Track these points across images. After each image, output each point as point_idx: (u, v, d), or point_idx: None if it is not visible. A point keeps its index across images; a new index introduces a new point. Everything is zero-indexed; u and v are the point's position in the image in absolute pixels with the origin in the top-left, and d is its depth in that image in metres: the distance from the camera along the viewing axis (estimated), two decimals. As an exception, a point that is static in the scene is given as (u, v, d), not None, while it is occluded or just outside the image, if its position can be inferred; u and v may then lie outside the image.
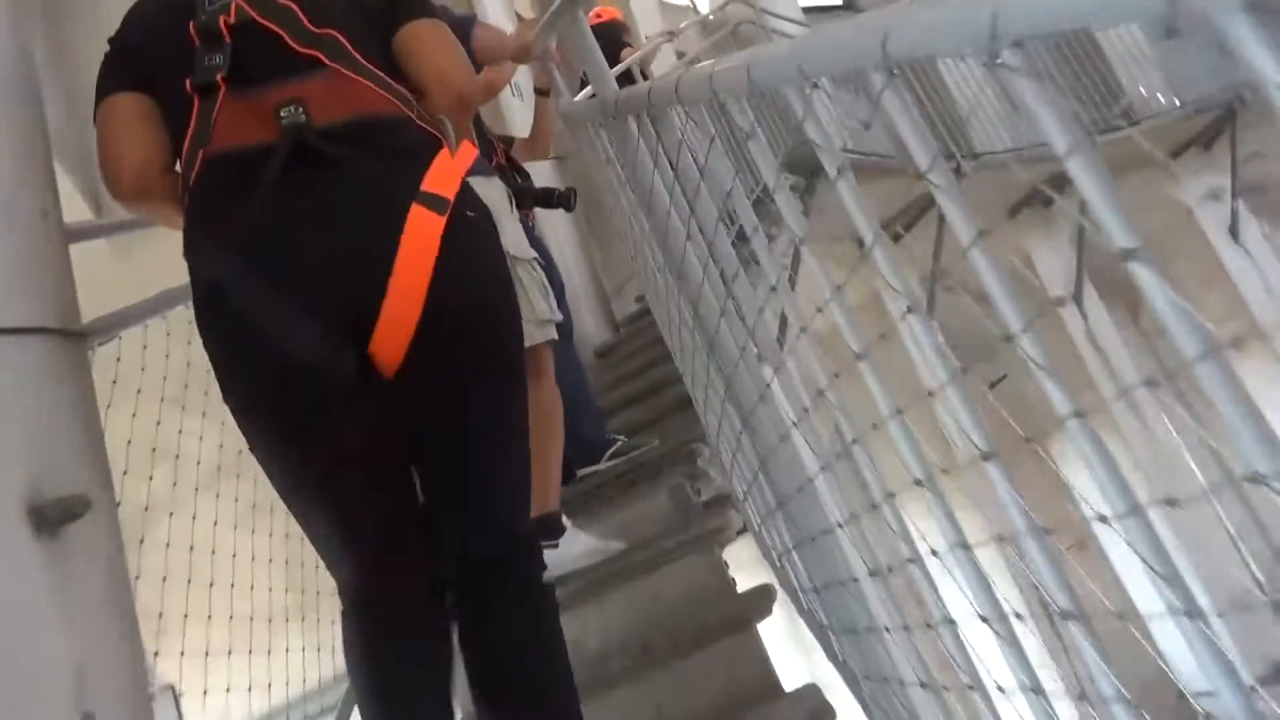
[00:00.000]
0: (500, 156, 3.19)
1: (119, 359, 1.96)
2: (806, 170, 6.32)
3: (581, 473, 3.16)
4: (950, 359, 0.79)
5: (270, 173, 1.25)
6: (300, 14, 1.35)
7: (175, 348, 2.16)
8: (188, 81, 1.32)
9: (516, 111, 5.13)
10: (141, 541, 1.90)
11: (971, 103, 9.10)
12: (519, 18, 7.12)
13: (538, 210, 3.35)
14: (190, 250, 1.33)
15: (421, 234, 1.24)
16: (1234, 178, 9.78)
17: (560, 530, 2.44)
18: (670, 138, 1.43)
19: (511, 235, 2.50)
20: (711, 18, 7.01)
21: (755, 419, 1.48)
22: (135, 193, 1.40)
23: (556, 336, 2.59)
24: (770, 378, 1.26)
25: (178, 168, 1.38)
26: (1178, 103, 9.81)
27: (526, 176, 3.32)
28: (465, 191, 1.34)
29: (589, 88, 3.27)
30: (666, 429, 3.37)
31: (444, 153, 1.36)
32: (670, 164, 1.64)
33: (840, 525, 1.16)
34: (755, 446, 1.56)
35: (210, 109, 1.30)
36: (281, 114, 1.27)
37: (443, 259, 1.24)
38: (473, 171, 2.56)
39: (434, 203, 1.27)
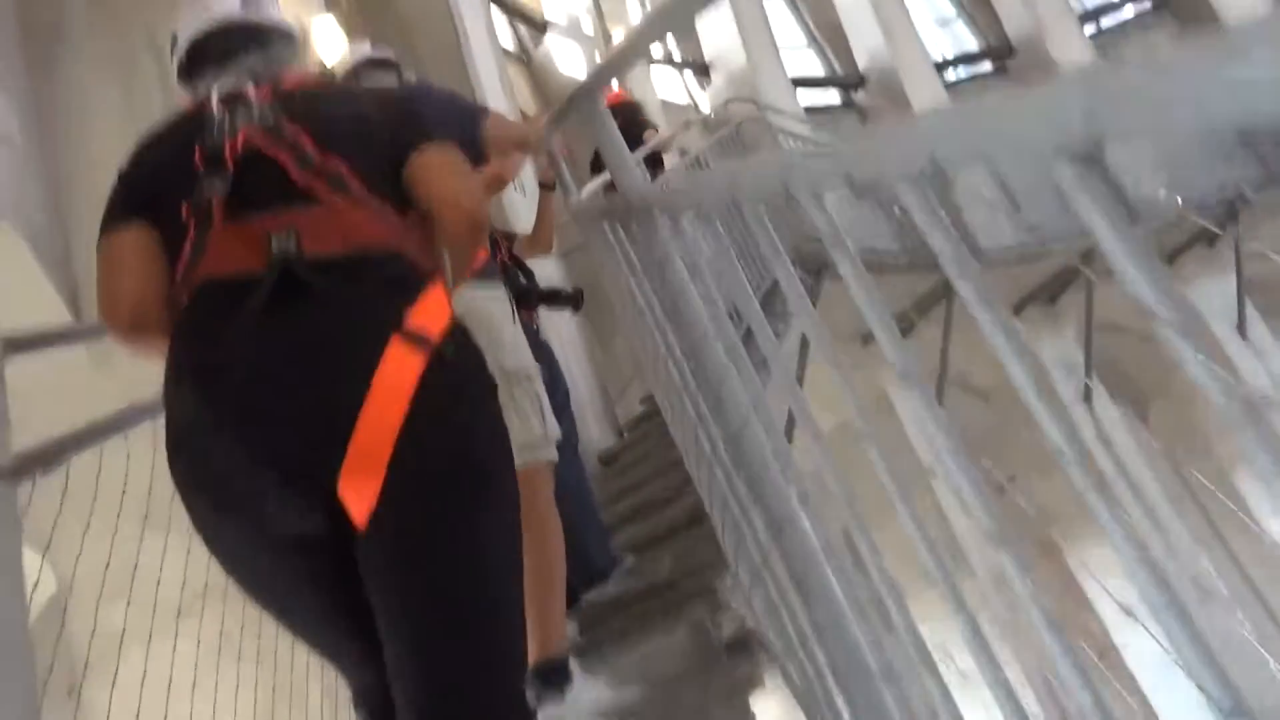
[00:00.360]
0: (504, 254, 3.04)
1: (65, 488, 1.71)
2: (813, 267, 6.18)
3: (587, 597, 2.88)
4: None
5: (254, 303, 1.21)
6: (307, 141, 1.35)
7: (136, 468, 1.92)
8: (185, 206, 1.31)
9: (520, 207, 4.98)
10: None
11: (971, 195, 9.07)
12: (523, 115, 7.08)
13: (542, 310, 3.19)
14: (169, 378, 1.28)
15: (397, 372, 1.18)
16: (1239, 275, 9.70)
17: (567, 678, 2.15)
18: (715, 240, 1.22)
19: (510, 348, 2.32)
20: (714, 116, 6.95)
21: (813, 578, 1.23)
22: (131, 328, 1.37)
23: (554, 457, 2.37)
24: (855, 540, 1.02)
25: None
26: (1179, 201, 9.78)
27: (531, 275, 3.17)
28: (453, 330, 1.28)
29: (604, 175, 3.13)
30: (679, 549, 3.08)
31: (436, 289, 1.30)
32: (702, 271, 1.44)
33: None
34: (811, 607, 1.30)
35: (205, 233, 1.29)
36: (273, 242, 1.25)
37: (419, 400, 1.17)
38: (479, 277, 2.40)
39: (416, 340, 1.21)
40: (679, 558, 2.86)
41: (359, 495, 1.14)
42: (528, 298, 2.97)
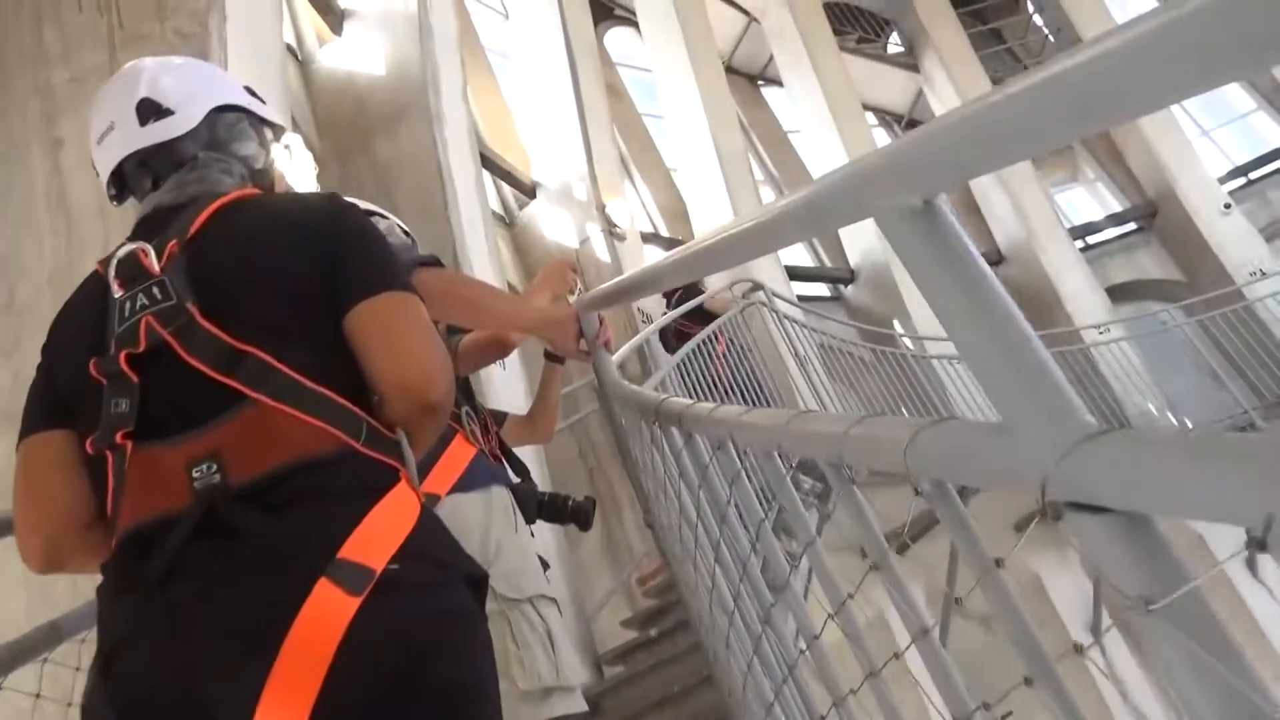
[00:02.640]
0: (492, 441, 2.24)
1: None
2: (821, 473, 5.47)
3: None
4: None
5: (165, 555, 1.04)
6: (218, 330, 1.11)
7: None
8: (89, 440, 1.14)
9: (497, 382, 4.15)
10: None
11: (969, 404, 8.54)
12: (508, 285, 6.44)
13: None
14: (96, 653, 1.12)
15: (320, 621, 0.96)
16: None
17: None
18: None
19: (505, 565, 1.84)
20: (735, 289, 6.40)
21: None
22: (43, 565, 1.20)
23: (575, 709, 1.88)
24: None
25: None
26: (1189, 424, 9.33)
27: (526, 473, 2.36)
28: (408, 548, 1.03)
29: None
30: None
31: (391, 497, 1.07)
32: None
33: None
34: None
35: (121, 468, 1.10)
36: (194, 474, 1.06)
37: (346, 648, 0.96)
38: (464, 482, 1.79)
39: (350, 577, 0.98)
40: None
41: None
42: (524, 504, 2.15)
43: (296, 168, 2.69)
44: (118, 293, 1.19)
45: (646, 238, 9.26)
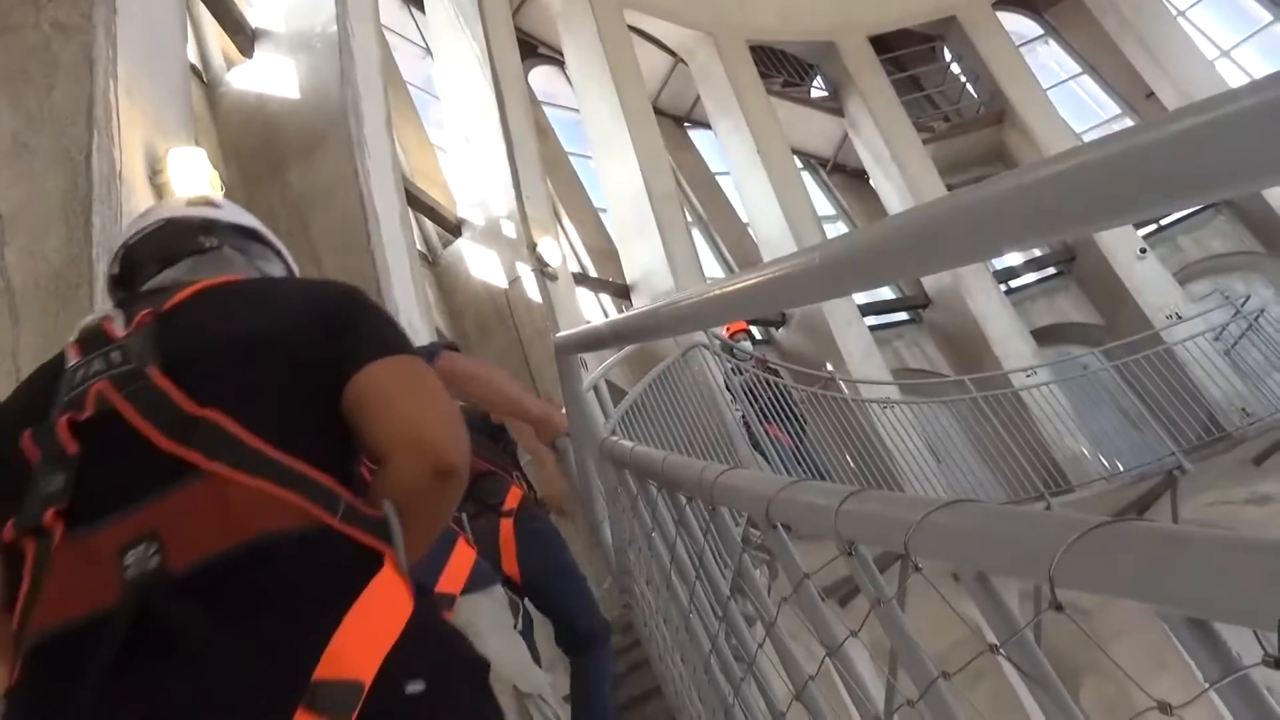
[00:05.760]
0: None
1: None
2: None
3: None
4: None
5: (91, 682, 0.83)
6: (174, 393, 0.98)
7: None
8: (10, 523, 0.97)
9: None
10: None
11: (904, 448, 8.41)
12: (439, 334, 6.04)
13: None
14: None
15: None
16: (1177, 548, 9.13)
17: None
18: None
19: (521, 658, 2.04)
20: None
21: None
22: None
23: None
24: None
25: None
26: (1120, 467, 9.36)
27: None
28: (404, 656, 0.87)
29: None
30: None
31: (379, 586, 0.91)
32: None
33: None
34: None
35: (44, 559, 0.93)
36: (126, 560, 0.89)
37: None
38: (472, 582, 1.80)
39: (333, 702, 0.81)
40: None
41: None
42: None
43: (194, 181, 2.55)
44: (73, 359, 1.08)
45: (576, 278, 8.94)
